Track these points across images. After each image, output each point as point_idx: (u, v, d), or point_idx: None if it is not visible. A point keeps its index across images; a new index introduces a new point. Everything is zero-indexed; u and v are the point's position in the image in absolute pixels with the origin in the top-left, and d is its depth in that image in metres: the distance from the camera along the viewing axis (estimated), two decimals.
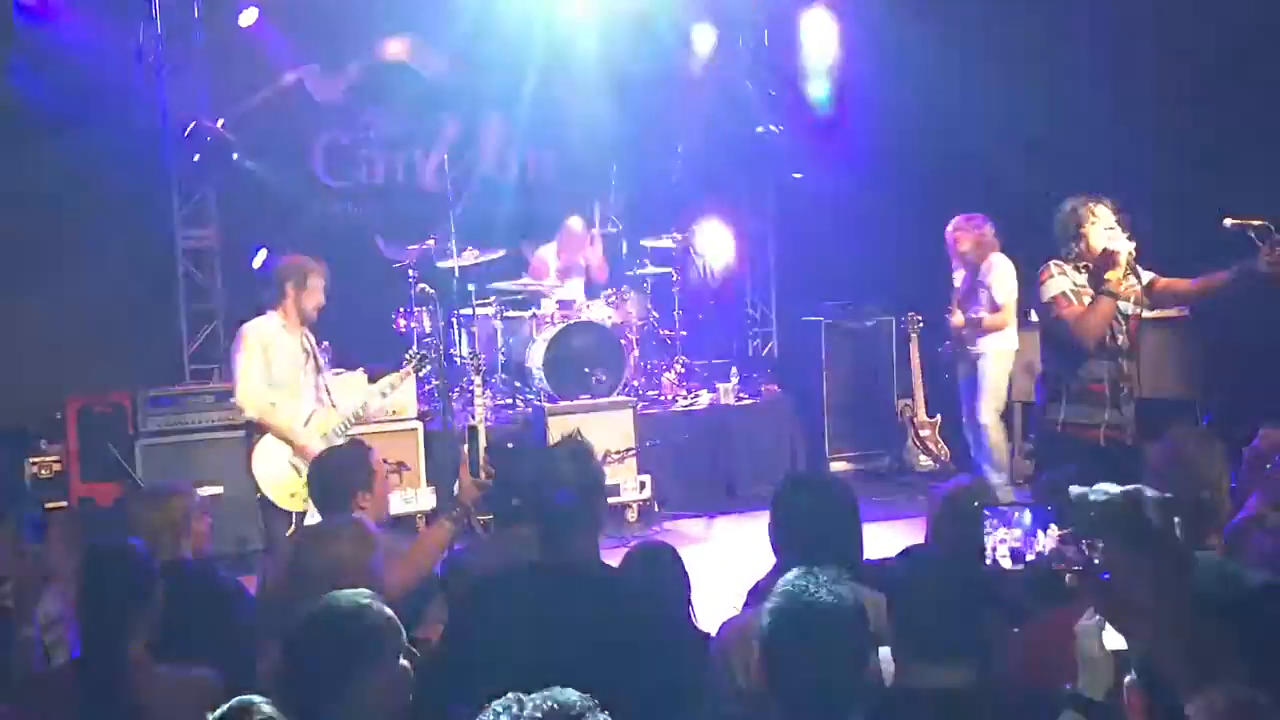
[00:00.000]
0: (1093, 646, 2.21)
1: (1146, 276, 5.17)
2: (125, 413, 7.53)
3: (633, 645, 2.65)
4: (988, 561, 2.33)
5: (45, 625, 3.39)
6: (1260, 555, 2.84)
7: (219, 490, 6.85)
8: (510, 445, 3.92)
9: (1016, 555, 2.33)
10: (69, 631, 3.26)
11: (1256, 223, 6.32)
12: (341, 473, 3.76)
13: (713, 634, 3.05)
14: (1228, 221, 6.42)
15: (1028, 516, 2.34)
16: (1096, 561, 2.27)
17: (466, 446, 3.79)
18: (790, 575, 2.40)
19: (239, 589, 3.50)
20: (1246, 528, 3.63)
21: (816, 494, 3.13)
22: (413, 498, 7.30)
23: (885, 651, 2.41)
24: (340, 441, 5.11)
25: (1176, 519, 2.28)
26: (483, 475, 3.63)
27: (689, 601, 3.50)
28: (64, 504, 7.97)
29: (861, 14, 9.81)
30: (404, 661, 2.41)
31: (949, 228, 7.64)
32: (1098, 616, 2.25)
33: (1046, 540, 2.32)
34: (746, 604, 3.25)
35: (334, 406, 5.56)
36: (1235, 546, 3.45)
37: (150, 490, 3.73)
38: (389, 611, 2.41)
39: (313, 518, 4.16)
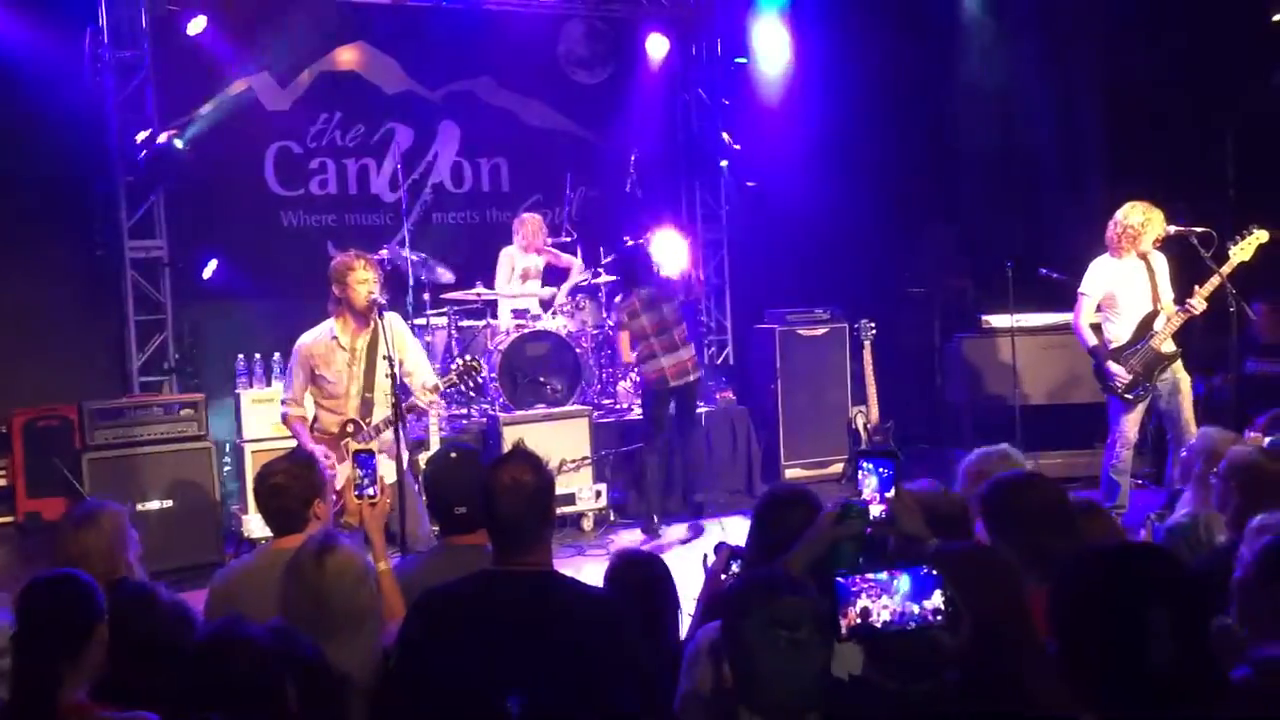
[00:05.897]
0: None
1: None
2: (72, 426, 7.41)
3: (598, 655, 2.64)
4: (856, 623, 2.20)
5: None
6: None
7: (169, 504, 6.77)
8: (453, 455, 3.82)
9: (896, 618, 2.22)
10: None
11: (1199, 230, 6.50)
12: (293, 484, 3.70)
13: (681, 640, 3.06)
14: (1171, 228, 6.59)
15: (905, 583, 2.22)
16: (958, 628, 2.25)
17: (351, 465, 3.58)
18: (753, 577, 2.43)
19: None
20: (1187, 525, 3.69)
21: (796, 506, 3.09)
22: None
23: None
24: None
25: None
26: (370, 495, 3.54)
27: (675, 610, 3.49)
28: (9, 519, 7.84)
29: (814, 23, 9.90)
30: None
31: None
32: None
33: (930, 604, 2.23)
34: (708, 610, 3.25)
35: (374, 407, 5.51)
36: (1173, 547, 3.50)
37: (95, 508, 3.57)
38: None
39: (256, 529, 4.03)
